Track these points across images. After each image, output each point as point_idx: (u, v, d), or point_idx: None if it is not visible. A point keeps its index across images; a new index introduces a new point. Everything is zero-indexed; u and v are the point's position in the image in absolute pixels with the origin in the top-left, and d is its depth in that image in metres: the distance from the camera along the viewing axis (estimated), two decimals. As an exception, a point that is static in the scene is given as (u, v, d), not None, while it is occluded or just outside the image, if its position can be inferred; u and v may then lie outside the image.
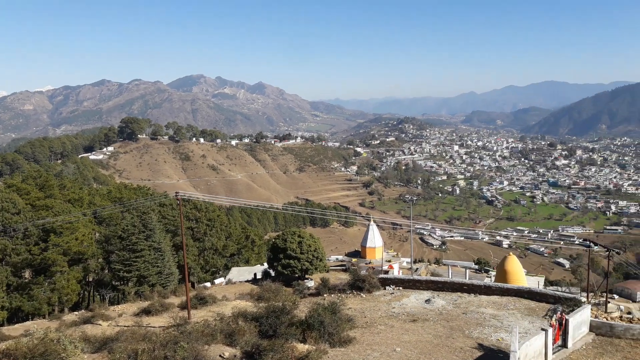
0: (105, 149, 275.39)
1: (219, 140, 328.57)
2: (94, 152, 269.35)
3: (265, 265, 54.91)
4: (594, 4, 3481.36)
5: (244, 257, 67.13)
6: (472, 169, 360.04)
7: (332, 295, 34.93)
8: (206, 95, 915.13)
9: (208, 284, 53.87)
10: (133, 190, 78.80)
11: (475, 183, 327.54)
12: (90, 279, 51.96)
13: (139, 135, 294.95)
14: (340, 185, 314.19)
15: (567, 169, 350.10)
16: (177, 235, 55.15)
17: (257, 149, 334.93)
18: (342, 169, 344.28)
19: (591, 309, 27.25)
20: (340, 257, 79.48)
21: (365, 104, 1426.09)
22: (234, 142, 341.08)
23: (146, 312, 33.58)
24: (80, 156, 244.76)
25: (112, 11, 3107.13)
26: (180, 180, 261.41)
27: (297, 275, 43.74)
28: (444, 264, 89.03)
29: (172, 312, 32.76)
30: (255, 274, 53.37)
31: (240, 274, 57.47)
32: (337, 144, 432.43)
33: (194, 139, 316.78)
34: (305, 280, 42.16)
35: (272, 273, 47.08)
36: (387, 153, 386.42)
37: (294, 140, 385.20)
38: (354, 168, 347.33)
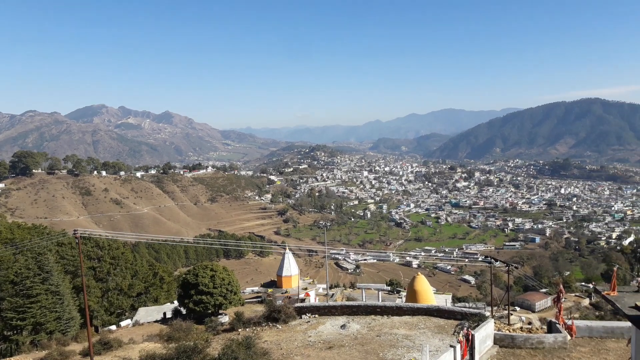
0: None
1: (122, 173, 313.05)
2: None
3: (176, 303, 52.51)
4: (483, 38, 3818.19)
5: (152, 296, 63.56)
6: (381, 194, 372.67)
7: (247, 329, 34.02)
8: (108, 126, 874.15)
9: (113, 327, 50.49)
10: (27, 229, 72.45)
11: (385, 207, 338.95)
12: (-24, 331, 46.45)
13: (34, 170, 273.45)
14: (255, 214, 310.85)
15: (467, 190, 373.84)
16: (77, 276, 51.21)
17: (165, 180, 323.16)
18: (256, 197, 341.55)
19: (495, 322, 28.78)
20: (256, 289, 78.05)
21: (277, 132, 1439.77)
22: (139, 174, 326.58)
23: (43, 363, 30.87)
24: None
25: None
26: (81, 217, 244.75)
27: (210, 311, 42.20)
28: (359, 288, 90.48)
29: (73, 361, 30.26)
30: (164, 313, 50.83)
31: (149, 314, 54.45)
32: (250, 173, 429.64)
33: (96, 172, 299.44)
34: (219, 316, 40.78)
35: (184, 311, 45.06)
36: (301, 180, 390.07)
37: (204, 170, 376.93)
38: (268, 196, 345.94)
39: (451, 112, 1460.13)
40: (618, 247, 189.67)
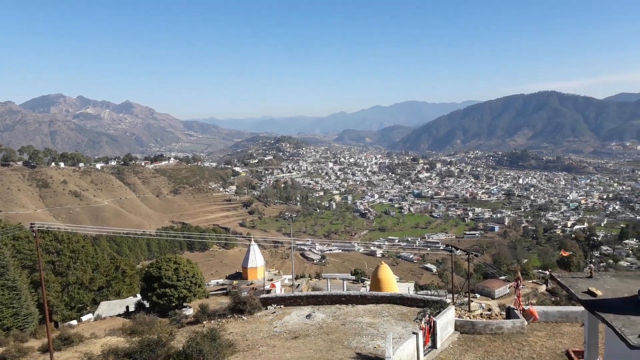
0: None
1: (82, 164, 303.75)
2: None
3: (139, 296, 51.69)
4: (445, 32, 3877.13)
5: (114, 290, 62.27)
6: (346, 185, 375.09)
7: (212, 322, 33.84)
8: (66, 116, 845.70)
9: (74, 322, 49.30)
10: (-21, 223, 69.61)
11: (350, 197, 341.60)
12: None
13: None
14: (219, 206, 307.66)
15: (429, 180, 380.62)
16: (35, 271, 49.68)
17: (126, 172, 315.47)
18: (221, 189, 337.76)
19: (456, 309, 29.59)
20: (221, 281, 77.57)
21: (241, 123, 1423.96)
22: (99, 166, 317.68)
23: (-1, 360, 29.97)
24: None
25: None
26: (38, 210, 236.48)
27: (174, 304, 41.76)
28: (324, 278, 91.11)
29: (32, 357, 29.56)
30: (127, 307, 50.02)
31: (111, 308, 53.45)
32: (214, 164, 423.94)
33: (53, 163, 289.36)
34: (183, 309, 40.40)
35: (147, 304, 44.42)
36: (266, 172, 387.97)
37: (167, 162, 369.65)
38: (233, 188, 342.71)
39: (414, 104, 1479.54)
40: (573, 235, 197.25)
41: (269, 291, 51.63)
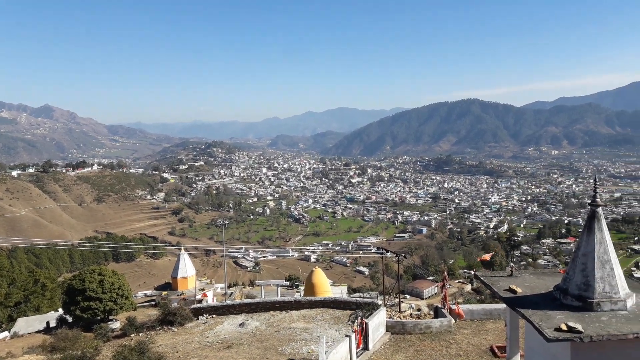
0: None
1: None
2: None
3: (61, 310, 48.73)
4: (373, 42, 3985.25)
5: (33, 305, 58.24)
6: (280, 190, 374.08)
7: (141, 334, 32.58)
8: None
9: (-14, 342, 45.58)
10: None
11: (284, 203, 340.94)
12: None
13: None
14: (147, 215, 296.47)
15: (361, 185, 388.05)
16: (-61, 289, 45.53)
17: (46, 180, 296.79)
18: (148, 196, 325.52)
19: (387, 310, 30.34)
20: (149, 292, 74.82)
21: (170, 127, 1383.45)
22: (15, 173, 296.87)
23: None
24: None
25: None
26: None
27: (99, 317, 39.74)
28: (258, 285, 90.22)
29: (-64, 383, 27.02)
30: (48, 323, 46.90)
31: (29, 324, 49.89)
32: (140, 170, 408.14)
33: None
34: (109, 322, 38.58)
35: (70, 319, 41.93)
36: (197, 178, 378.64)
37: (90, 168, 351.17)
38: (161, 195, 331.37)
39: (345, 110, 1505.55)
40: (495, 236, 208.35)
41: (200, 301, 50.40)
